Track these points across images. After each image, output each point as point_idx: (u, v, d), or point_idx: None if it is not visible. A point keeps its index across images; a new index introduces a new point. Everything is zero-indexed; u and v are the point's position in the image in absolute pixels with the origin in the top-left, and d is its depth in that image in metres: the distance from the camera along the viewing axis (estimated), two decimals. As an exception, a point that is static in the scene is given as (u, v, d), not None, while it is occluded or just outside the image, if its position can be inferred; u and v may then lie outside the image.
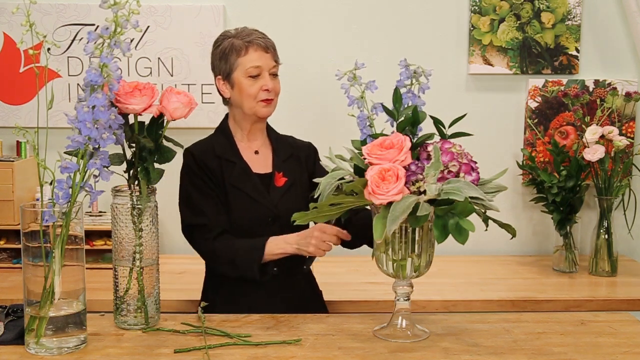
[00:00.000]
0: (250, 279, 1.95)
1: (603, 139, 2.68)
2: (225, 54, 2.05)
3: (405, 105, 1.74)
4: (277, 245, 1.93)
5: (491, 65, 2.95)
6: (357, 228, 1.94)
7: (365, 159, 1.60)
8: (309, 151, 2.17)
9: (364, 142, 1.72)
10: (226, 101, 2.11)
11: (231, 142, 2.08)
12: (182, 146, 1.81)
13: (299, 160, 2.13)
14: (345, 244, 1.95)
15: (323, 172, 2.10)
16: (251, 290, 2.01)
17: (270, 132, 2.15)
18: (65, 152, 1.55)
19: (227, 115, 2.14)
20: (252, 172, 2.05)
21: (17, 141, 2.84)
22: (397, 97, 1.72)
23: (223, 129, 2.11)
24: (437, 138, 1.69)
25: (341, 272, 2.68)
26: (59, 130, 2.08)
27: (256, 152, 2.10)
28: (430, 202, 1.52)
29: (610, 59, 2.98)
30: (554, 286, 2.57)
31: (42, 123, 2.45)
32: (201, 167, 2.03)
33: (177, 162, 2.01)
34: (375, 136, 1.71)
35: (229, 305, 1.96)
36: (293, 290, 2.06)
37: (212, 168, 2.03)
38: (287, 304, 2.00)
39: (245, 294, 2.02)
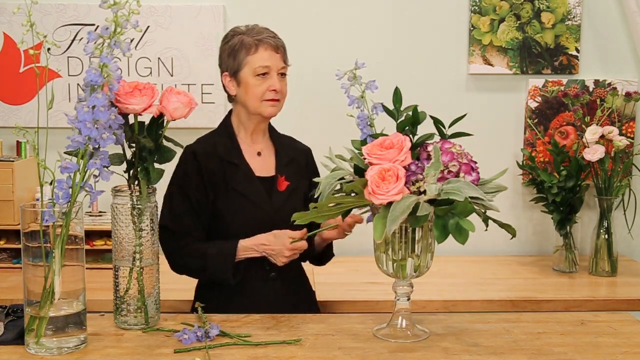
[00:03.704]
0: (223, 283, 1.98)
1: (603, 139, 2.68)
2: (234, 51, 2.00)
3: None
4: (247, 251, 1.96)
5: (491, 65, 2.95)
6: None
7: (365, 159, 1.60)
8: (307, 158, 2.15)
9: (364, 142, 1.72)
10: (231, 98, 2.06)
11: (234, 143, 2.04)
12: (182, 146, 1.81)
13: (300, 165, 2.11)
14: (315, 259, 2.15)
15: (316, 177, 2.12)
16: (244, 291, 2.00)
17: (272, 133, 2.12)
18: (65, 152, 1.55)
19: (230, 112, 2.10)
20: (254, 175, 2.02)
21: (17, 141, 2.84)
22: (397, 97, 1.72)
23: (226, 127, 2.07)
24: (437, 138, 1.68)
25: (341, 272, 2.68)
26: (59, 130, 2.08)
27: (259, 154, 2.06)
28: (430, 202, 1.52)
29: (610, 59, 2.98)
30: (554, 286, 2.57)
31: (42, 123, 2.45)
32: (199, 169, 1.99)
33: (177, 162, 2.02)
34: (375, 136, 1.71)
35: (222, 306, 1.94)
36: (286, 291, 2.05)
37: (214, 170, 2.00)
38: (279, 304, 1.99)
39: (238, 295, 2.00)
